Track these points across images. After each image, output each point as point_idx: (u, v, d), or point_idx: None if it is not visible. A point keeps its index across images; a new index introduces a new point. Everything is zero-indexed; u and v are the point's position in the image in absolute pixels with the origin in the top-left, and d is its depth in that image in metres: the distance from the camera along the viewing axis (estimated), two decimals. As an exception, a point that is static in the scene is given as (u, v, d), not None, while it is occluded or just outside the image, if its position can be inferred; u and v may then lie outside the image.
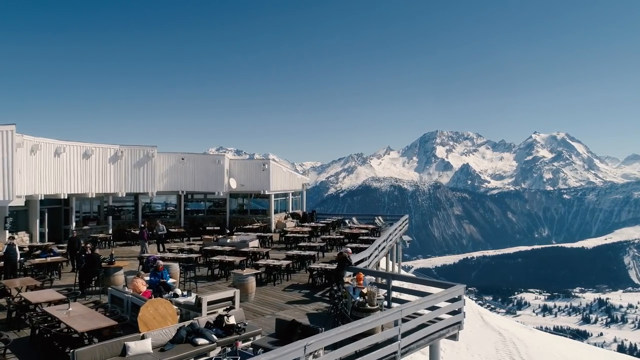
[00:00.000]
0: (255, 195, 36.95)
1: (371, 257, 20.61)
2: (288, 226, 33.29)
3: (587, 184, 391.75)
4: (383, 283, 15.63)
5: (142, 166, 30.55)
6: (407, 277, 15.15)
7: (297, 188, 41.56)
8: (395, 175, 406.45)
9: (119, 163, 29.50)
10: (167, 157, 32.88)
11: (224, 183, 33.78)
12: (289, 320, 10.46)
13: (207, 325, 10.91)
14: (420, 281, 15.07)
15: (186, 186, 33.47)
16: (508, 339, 23.52)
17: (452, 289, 12.87)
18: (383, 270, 30.28)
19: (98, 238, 27.90)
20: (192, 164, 33.53)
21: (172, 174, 32.97)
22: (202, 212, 36.99)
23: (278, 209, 38.43)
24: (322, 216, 42.31)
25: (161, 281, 15.21)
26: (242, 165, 35.87)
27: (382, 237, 25.05)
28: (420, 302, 11.72)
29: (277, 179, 36.61)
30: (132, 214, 32.96)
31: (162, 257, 19.91)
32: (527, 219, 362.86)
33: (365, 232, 30.13)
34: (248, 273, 15.99)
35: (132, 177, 30.17)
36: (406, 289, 15.09)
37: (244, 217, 36.35)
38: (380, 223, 36.13)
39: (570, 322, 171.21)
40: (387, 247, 26.99)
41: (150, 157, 30.76)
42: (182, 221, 34.55)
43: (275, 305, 15.40)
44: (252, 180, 35.37)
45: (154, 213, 34.78)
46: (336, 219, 38.59)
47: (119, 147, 29.39)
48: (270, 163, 35.30)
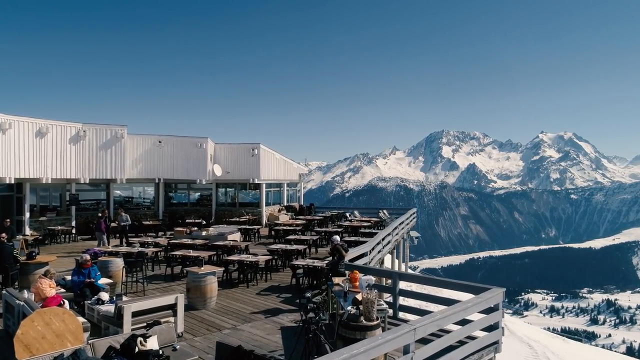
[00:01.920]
0: (248, 186, 32.92)
1: (373, 251, 16.55)
2: (281, 219, 29.29)
3: (595, 184, 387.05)
4: (387, 285, 11.56)
5: (109, 148, 26.46)
6: (420, 278, 10.88)
7: (293, 178, 37.44)
8: (401, 175, 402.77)
9: (81, 144, 25.40)
10: (141, 139, 28.78)
11: (206, 170, 29.67)
12: (233, 346, 6.43)
13: (108, 353, 6.85)
14: (438, 282, 10.82)
15: (164, 173, 29.37)
16: (541, 353, 19.43)
17: (486, 295, 8.80)
18: (388, 269, 26.18)
19: (56, 231, 24.02)
20: (171, 148, 29.41)
21: (148, 159, 28.88)
22: (185, 204, 32.98)
23: (271, 201, 34.40)
24: (322, 210, 38.28)
25: (87, 281, 11.21)
26: (228, 150, 31.70)
27: (387, 229, 21.02)
28: (443, 314, 7.61)
29: (268, 167, 32.54)
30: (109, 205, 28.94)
31: (110, 252, 15.96)
32: (534, 219, 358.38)
33: (368, 225, 26.08)
34: (206, 271, 11.93)
35: (97, 161, 26.07)
36: (419, 294, 11.07)
37: (233, 209, 32.29)
38: (385, 216, 32.09)
39: (578, 323, 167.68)
40: (392, 242, 22.89)
41: (119, 138, 26.66)
42: (160, 213, 30.50)
43: (241, 315, 11.36)
44: (240, 167, 31.30)
45: (130, 204, 30.81)
46: (336, 212, 34.56)
47: (81, 125, 25.32)
48: (261, 148, 31.17)
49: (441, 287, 10.28)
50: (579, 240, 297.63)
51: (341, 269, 11.84)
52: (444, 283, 10.19)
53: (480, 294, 8.84)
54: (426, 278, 10.48)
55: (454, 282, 9.80)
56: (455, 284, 9.84)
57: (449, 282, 9.93)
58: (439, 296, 10.43)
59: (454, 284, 9.81)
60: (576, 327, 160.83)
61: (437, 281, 10.28)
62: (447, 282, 10.01)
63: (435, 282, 10.32)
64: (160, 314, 9.33)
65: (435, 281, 10.34)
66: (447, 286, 10.04)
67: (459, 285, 9.82)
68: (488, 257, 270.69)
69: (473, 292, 9.33)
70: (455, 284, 9.84)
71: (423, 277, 10.82)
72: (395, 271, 11.00)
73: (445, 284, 10.15)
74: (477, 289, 9.33)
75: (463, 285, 9.89)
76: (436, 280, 10.36)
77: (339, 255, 11.90)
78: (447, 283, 10.08)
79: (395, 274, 11.03)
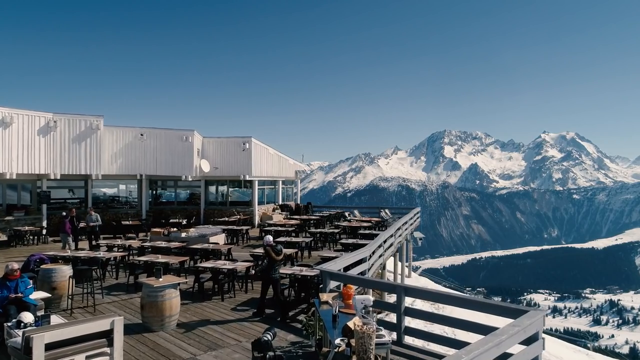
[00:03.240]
0: (241, 184, 30.58)
1: (373, 256, 14.18)
2: (275, 219, 26.93)
3: (597, 184, 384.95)
4: (390, 302, 9.24)
5: (83, 141, 24.09)
6: (433, 294, 8.45)
7: (289, 175, 35.04)
8: (403, 175, 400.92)
9: (52, 136, 23.04)
10: (121, 132, 26.33)
11: (193, 165, 27.29)
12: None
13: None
14: (458, 301, 8.36)
15: (146, 169, 26.97)
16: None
17: (524, 321, 6.39)
18: (390, 273, 23.75)
19: (24, 231, 21.68)
20: (154, 142, 26.97)
21: (128, 153, 26.47)
22: (172, 203, 30.64)
23: (265, 200, 32.03)
24: (320, 209, 35.92)
25: (12, 297, 8.88)
26: (216, 145, 29.27)
27: (389, 230, 18.63)
28: (470, 352, 5.19)
29: (261, 162, 30.15)
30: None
31: (64, 257, 13.60)
32: (536, 219, 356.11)
33: (368, 225, 23.71)
34: (165, 283, 9.57)
35: (70, 155, 23.70)
36: (431, 315, 8.69)
37: (223, 208, 29.91)
38: (387, 216, 29.73)
39: (581, 324, 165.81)
40: (395, 245, 20.50)
41: (95, 130, 24.27)
42: (143, 212, 28.13)
43: (206, 340, 9.00)
44: (230, 163, 28.92)
45: (117, 202, 28.55)
46: (335, 212, 32.21)
47: (52, 115, 22.95)
48: (252, 142, 28.77)
49: (464, 307, 7.86)
50: (582, 241, 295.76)
51: (274, 275, 10.34)
52: (467, 302, 7.78)
53: (516, 319, 6.46)
54: (442, 295, 8.06)
55: (479, 302, 7.44)
56: (481, 303, 7.46)
57: (473, 301, 7.56)
58: (456, 318, 8.04)
59: (479, 304, 7.44)
60: (579, 327, 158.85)
61: (457, 300, 7.85)
62: (472, 301, 7.63)
63: (454, 300, 7.88)
64: (90, 345, 6.99)
65: (454, 299, 7.90)
66: (471, 306, 7.64)
67: (485, 305, 7.42)
68: (490, 257, 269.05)
69: (504, 313, 6.99)
70: (481, 303, 7.46)
71: (437, 293, 8.37)
72: (400, 285, 8.55)
73: (470, 304, 7.73)
74: (510, 311, 6.97)
75: (489, 306, 7.50)
76: (456, 298, 7.92)
77: (269, 258, 10.31)
78: (472, 302, 7.67)
79: (401, 288, 8.65)
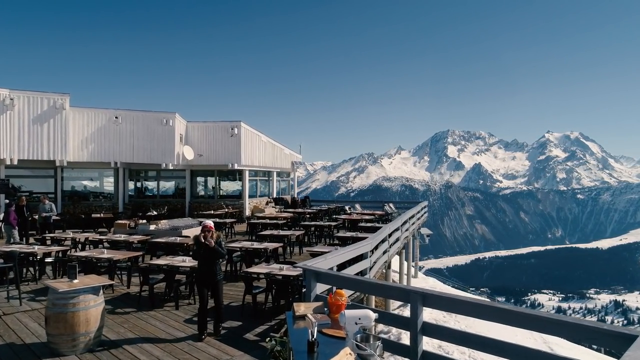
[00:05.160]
0: (231, 175, 27.74)
1: (375, 252, 11.29)
2: (267, 213, 24.07)
3: (602, 183, 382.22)
4: (399, 314, 6.34)
5: (46, 122, 21.17)
6: (467, 304, 5.33)
7: (284, 166, 32.09)
8: (407, 175, 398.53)
9: (8, 115, 20.10)
10: (92, 114, 23.35)
11: (174, 152, 24.36)
12: None
13: None
14: (515, 317, 5.33)
15: (121, 156, 24.02)
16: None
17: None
18: (395, 274, 20.74)
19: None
20: (130, 125, 24.02)
21: (101, 138, 23.52)
22: (154, 197, 27.74)
23: (257, 193, 29.12)
24: (319, 204, 32.96)
25: None
26: (202, 130, 26.26)
27: (395, 222, 15.73)
28: None
29: (252, 150, 27.20)
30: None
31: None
32: (540, 219, 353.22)
33: (370, 218, 20.81)
34: (80, 287, 6.69)
35: (31, 138, 20.80)
36: (462, 335, 5.74)
37: (211, 201, 27.00)
38: (391, 210, 26.83)
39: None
40: (401, 240, 17.55)
41: (60, 110, 21.33)
42: (120, 204, 25.24)
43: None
44: (217, 150, 25.96)
45: (89, 195, 25.75)
46: (334, 207, 29.28)
47: (8, 92, 20.04)
48: (242, 127, 25.82)
49: (523, 326, 4.90)
50: (586, 241, 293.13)
51: (219, 276, 7.56)
52: (527, 318, 4.81)
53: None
54: (487, 307, 5.09)
55: (564, 322, 4.53)
56: (572, 325, 4.55)
57: (535, 316, 4.64)
58: (511, 343, 5.15)
59: (568, 325, 4.53)
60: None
61: (520, 316, 4.90)
62: (532, 316, 4.68)
63: (513, 317, 4.94)
64: None
65: (513, 315, 4.96)
66: (530, 324, 4.73)
67: (575, 327, 4.51)
68: (494, 257, 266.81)
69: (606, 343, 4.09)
70: (572, 325, 4.55)
71: (477, 303, 5.31)
72: (415, 289, 5.55)
73: (528, 320, 4.77)
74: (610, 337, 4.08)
75: (582, 328, 4.54)
76: (518, 313, 4.97)
77: (204, 248, 7.41)
78: (553, 323, 4.67)
79: (417, 295, 5.77)
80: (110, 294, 10.18)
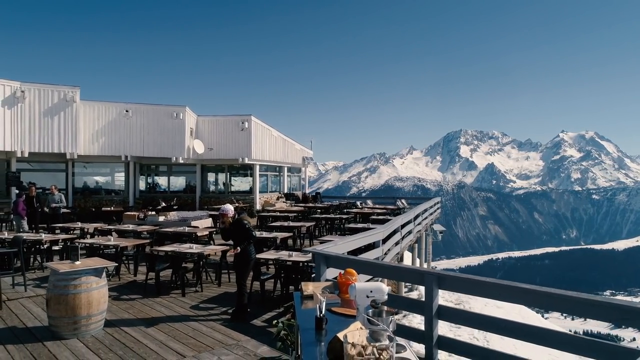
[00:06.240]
0: (242, 170, 27.53)
1: (387, 242, 11.02)
2: (278, 207, 23.85)
3: (618, 184, 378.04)
4: (412, 297, 6.04)
5: (56, 115, 21.10)
6: (486, 284, 5.00)
7: (295, 162, 31.81)
8: (418, 175, 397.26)
9: (19, 108, 20.07)
10: (103, 107, 23.25)
11: (184, 145, 24.20)
12: None
13: None
14: (518, 293, 5.08)
15: (132, 149, 23.90)
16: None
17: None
18: (413, 267, 20.39)
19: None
20: (140, 119, 23.88)
21: (112, 131, 23.39)
22: (164, 192, 27.59)
23: (268, 189, 28.91)
24: (330, 200, 32.59)
25: None
26: (212, 124, 26.04)
27: (408, 214, 15.45)
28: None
29: (263, 145, 26.95)
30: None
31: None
32: (554, 219, 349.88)
33: (382, 212, 20.51)
34: (82, 268, 6.49)
35: (41, 130, 20.72)
36: (481, 318, 5.43)
37: (221, 196, 26.80)
38: (403, 205, 26.48)
39: (601, 326, 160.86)
40: (414, 234, 17.24)
41: (70, 103, 21.27)
42: (131, 199, 25.15)
43: (133, 354, 5.90)
44: (227, 144, 25.73)
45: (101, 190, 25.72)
46: (345, 202, 28.95)
47: (19, 84, 20.01)
48: (252, 121, 25.60)
49: (552, 308, 4.60)
50: (601, 242, 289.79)
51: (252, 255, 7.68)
52: (558, 299, 4.46)
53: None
54: (506, 287, 4.79)
55: (578, 298, 4.22)
56: (579, 300, 4.24)
57: (567, 296, 4.27)
58: (534, 326, 4.84)
59: (578, 301, 4.22)
60: (599, 330, 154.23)
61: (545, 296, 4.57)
62: (563, 296, 4.30)
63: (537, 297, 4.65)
64: None
65: (538, 296, 4.65)
66: (560, 306, 4.41)
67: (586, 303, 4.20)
68: (507, 258, 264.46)
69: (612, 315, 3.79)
70: (579, 300, 4.24)
71: (496, 284, 5.00)
72: (429, 271, 5.26)
73: (558, 301, 4.44)
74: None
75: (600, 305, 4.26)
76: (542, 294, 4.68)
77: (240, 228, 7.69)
78: (564, 298, 4.32)
79: (432, 276, 5.49)
80: (117, 282, 10.00)
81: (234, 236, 7.68)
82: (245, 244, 7.52)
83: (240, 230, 7.61)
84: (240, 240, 7.57)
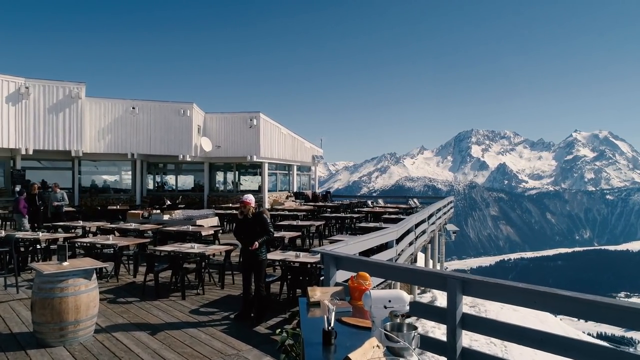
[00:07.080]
0: (249, 168, 27.05)
1: (401, 243, 10.42)
2: (286, 206, 23.32)
3: (632, 184, 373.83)
4: (431, 304, 5.44)
5: (61, 111, 20.69)
6: (504, 286, 4.36)
7: (305, 160, 31.22)
8: (429, 175, 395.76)
9: (24, 104, 19.67)
10: (109, 104, 22.81)
11: (192, 143, 23.72)
12: None
13: None
14: (556, 301, 4.45)
15: (138, 147, 23.43)
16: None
17: None
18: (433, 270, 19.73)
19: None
20: (147, 116, 23.41)
21: (118, 128, 22.96)
22: (172, 191, 27.17)
23: (277, 188, 28.38)
24: (340, 199, 32.00)
25: None
26: (220, 121, 25.54)
27: (422, 213, 14.82)
28: None
29: (271, 142, 26.40)
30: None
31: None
32: (567, 220, 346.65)
33: (395, 210, 19.90)
34: (69, 269, 5.95)
35: (46, 127, 20.33)
36: (515, 329, 4.80)
37: (229, 195, 26.32)
38: (416, 204, 25.86)
39: (615, 329, 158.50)
40: (428, 233, 16.61)
41: (75, 99, 20.86)
42: (138, 197, 24.71)
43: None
44: (235, 141, 25.23)
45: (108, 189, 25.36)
46: (356, 201, 28.36)
47: (24, 80, 19.62)
48: (261, 118, 25.06)
49: (594, 318, 3.95)
50: (615, 243, 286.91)
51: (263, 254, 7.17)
52: (604, 307, 3.84)
53: None
54: (541, 293, 4.15)
55: (628, 307, 3.61)
56: (629, 310, 3.63)
57: (615, 305, 3.64)
58: (569, 338, 4.22)
59: (629, 310, 3.60)
60: (613, 332, 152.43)
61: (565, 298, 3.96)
62: (610, 305, 3.68)
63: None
64: None
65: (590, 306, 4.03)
66: (605, 316, 3.79)
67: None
68: (519, 258, 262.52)
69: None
70: (629, 310, 3.63)
71: (530, 290, 4.35)
72: (452, 274, 4.58)
73: (602, 309, 3.83)
74: None
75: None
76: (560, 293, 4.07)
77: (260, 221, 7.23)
78: (610, 307, 3.71)
79: (456, 280, 4.89)
80: (115, 283, 9.49)
81: (251, 230, 7.13)
82: (262, 240, 7.01)
83: (260, 224, 7.14)
84: (255, 236, 7.04)
